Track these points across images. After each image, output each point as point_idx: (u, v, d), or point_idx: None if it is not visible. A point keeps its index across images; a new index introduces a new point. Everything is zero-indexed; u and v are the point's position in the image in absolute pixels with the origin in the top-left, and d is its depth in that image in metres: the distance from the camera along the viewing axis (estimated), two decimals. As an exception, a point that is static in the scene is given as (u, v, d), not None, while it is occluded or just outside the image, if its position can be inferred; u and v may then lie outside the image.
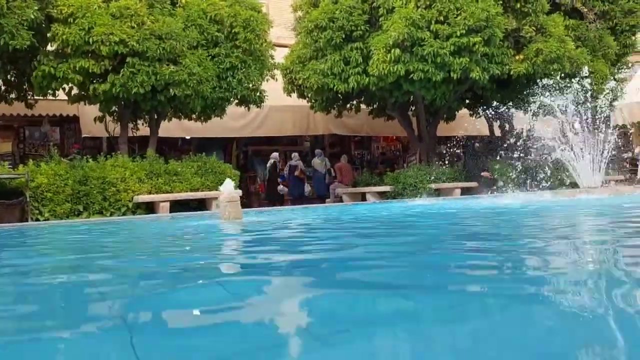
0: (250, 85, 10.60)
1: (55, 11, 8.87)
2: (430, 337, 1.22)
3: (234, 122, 13.02)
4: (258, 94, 10.95)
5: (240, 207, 6.40)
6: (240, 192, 8.48)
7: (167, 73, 9.02)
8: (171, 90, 9.24)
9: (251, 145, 15.77)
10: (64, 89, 9.75)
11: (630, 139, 17.67)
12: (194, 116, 10.92)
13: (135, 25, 8.96)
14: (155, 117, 10.65)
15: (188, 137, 13.88)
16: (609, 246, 2.84)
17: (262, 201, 15.00)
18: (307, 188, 14.87)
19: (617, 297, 1.60)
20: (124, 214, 8.89)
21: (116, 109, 10.35)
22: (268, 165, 14.51)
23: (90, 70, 8.84)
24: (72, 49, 8.77)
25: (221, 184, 6.59)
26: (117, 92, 9.00)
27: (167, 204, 9.07)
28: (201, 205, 9.73)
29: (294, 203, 13.83)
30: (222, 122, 11.83)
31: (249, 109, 11.57)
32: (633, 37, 14.42)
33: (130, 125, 10.71)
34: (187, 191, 9.52)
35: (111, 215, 8.82)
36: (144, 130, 11.00)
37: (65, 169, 8.78)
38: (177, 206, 9.36)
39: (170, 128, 11.91)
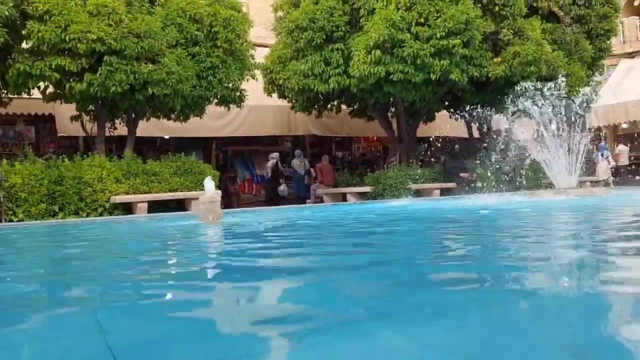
0: (231, 84, 10.53)
1: (31, 8, 8.70)
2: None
3: (214, 121, 12.93)
4: (238, 93, 10.89)
5: (220, 208, 6.35)
6: (220, 192, 8.43)
7: (146, 72, 8.91)
8: (150, 89, 9.13)
9: (231, 146, 15.69)
10: (38, 88, 9.57)
11: (605, 140, 18.03)
12: (173, 116, 10.82)
13: (113, 23, 8.83)
14: (133, 116, 10.51)
15: (167, 137, 13.74)
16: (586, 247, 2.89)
17: (241, 202, 14.93)
18: (283, 187, 14.86)
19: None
20: (100, 215, 8.75)
21: (93, 108, 10.19)
22: (270, 164, 14.52)
23: (66, 69, 8.69)
24: (48, 47, 8.61)
25: (200, 184, 6.53)
26: (94, 92, 8.86)
27: (145, 205, 8.95)
28: (180, 205, 9.63)
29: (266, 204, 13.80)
30: (202, 121, 11.75)
31: (229, 108, 11.51)
32: (608, 41, 14.75)
33: (108, 124, 10.55)
34: (165, 191, 9.42)
35: (87, 215, 8.67)
36: (121, 129, 10.85)
37: (41, 169, 8.61)
38: (156, 206, 9.25)
39: (149, 128, 11.77)
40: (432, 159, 13.54)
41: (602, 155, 15.52)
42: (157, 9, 9.84)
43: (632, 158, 18.48)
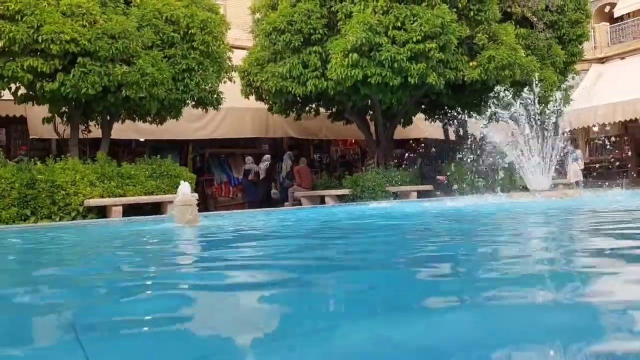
0: (208, 87, 10.46)
1: (2, 7, 8.50)
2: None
3: (190, 124, 12.82)
4: (215, 95, 10.82)
5: (196, 211, 6.30)
6: (196, 195, 8.36)
7: (120, 73, 8.79)
8: (124, 91, 9.02)
9: (208, 148, 15.58)
10: (10, 89, 9.36)
11: (577, 142, 18.44)
12: (148, 118, 10.69)
13: (87, 24, 8.70)
14: (108, 118, 10.36)
15: (142, 140, 13.57)
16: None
17: (218, 205, 14.84)
18: (274, 190, 15.06)
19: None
20: (74, 219, 8.59)
21: (66, 110, 10.01)
22: (263, 166, 14.56)
23: (39, 70, 8.52)
24: (20, 48, 8.43)
25: (176, 187, 6.47)
26: (66, 93, 8.71)
27: (120, 208, 8.83)
28: (156, 209, 9.52)
29: (250, 207, 13.75)
30: (178, 124, 11.64)
31: (206, 110, 11.42)
32: (579, 46, 15.11)
33: (81, 126, 10.38)
34: (141, 195, 9.29)
35: (60, 219, 8.51)
36: (96, 132, 10.69)
37: (12, 172, 8.41)
38: (131, 210, 9.12)
39: (124, 130, 11.61)
40: (407, 162, 13.66)
41: (572, 158, 15.90)
42: (133, 10, 9.71)
43: (602, 160, 18.97)
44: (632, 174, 18.47)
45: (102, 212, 9.00)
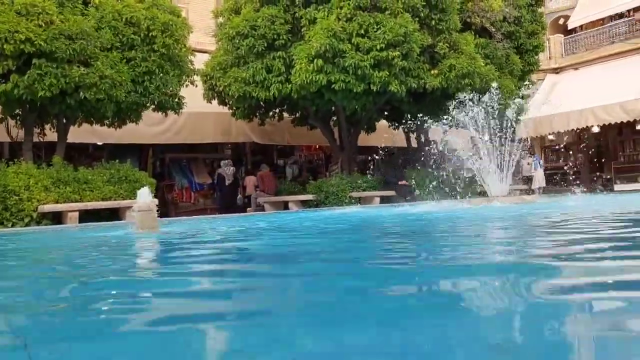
0: (169, 90, 10.27)
1: (-49, 5, 8.15)
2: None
3: (150, 128, 12.56)
4: (176, 99, 10.63)
5: (155, 217, 6.16)
6: (156, 201, 8.18)
7: (77, 75, 8.53)
8: (81, 93, 8.75)
9: (169, 153, 15.29)
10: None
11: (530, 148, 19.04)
12: (107, 121, 10.42)
13: (43, 24, 8.41)
14: (64, 121, 10.04)
15: (100, 143, 13.21)
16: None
17: (179, 210, 14.58)
18: (239, 196, 14.97)
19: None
20: (27, 225, 8.27)
21: (20, 112, 9.64)
22: (229, 172, 14.38)
23: (-9, 70, 8.19)
24: (-30, 47, 8.09)
25: (135, 192, 6.31)
26: (20, 94, 8.39)
27: (76, 214, 8.55)
28: (114, 215, 9.27)
29: (217, 212, 13.58)
30: (138, 128, 11.38)
31: (166, 114, 11.21)
32: (535, 57, 15.63)
33: (36, 129, 10.01)
34: (98, 200, 9.03)
35: (13, 226, 8.17)
36: (51, 135, 10.33)
37: (-40, 176, 8.04)
38: (88, 216, 8.85)
39: (81, 133, 11.27)
40: (371, 167, 13.78)
41: (539, 164, 16.44)
42: (91, 11, 9.45)
43: (556, 167, 19.64)
44: (585, 180, 19.16)
45: (57, 218, 8.70)
